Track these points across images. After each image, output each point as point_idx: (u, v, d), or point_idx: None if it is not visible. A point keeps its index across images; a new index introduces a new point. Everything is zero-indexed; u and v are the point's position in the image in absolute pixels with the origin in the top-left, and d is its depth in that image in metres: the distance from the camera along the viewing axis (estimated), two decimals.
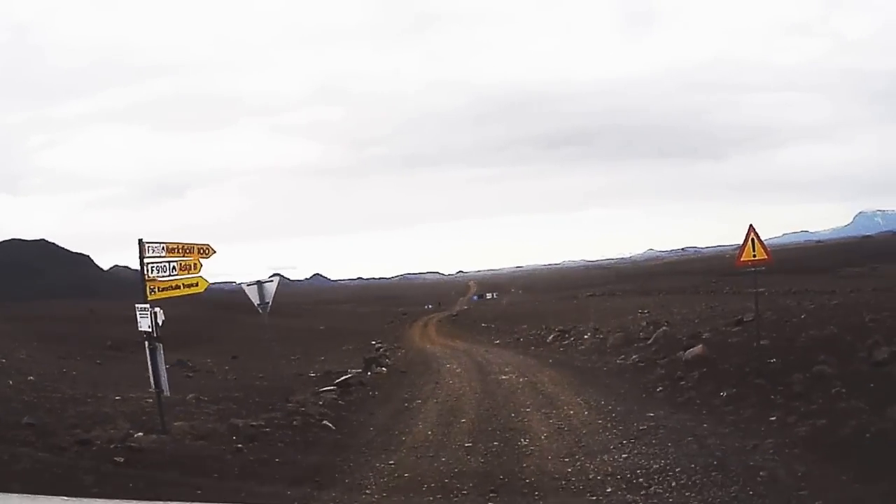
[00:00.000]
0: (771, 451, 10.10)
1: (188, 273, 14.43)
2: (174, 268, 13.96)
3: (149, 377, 13.48)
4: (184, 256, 14.29)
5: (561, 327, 37.19)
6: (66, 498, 4.36)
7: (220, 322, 69.52)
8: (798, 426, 11.11)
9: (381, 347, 43.46)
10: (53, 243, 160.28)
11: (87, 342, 36.40)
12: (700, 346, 18.69)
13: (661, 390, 16.07)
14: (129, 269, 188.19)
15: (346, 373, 25.08)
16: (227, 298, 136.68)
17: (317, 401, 18.55)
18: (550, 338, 34.03)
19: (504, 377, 21.69)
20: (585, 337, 31.22)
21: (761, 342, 18.00)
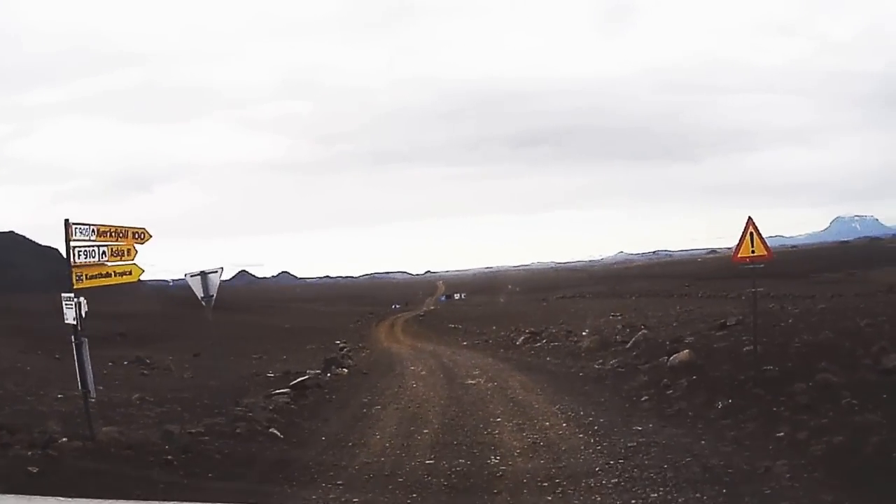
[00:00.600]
0: (787, 475, 8.62)
1: (121, 260, 12.84)
2: (104, 253, 12.39)
3: (87, 376, 11.89)
4: (116, 241, 12.72)
5: (532, 329, 35.71)
6: (60, 498, 4.40)
7: (187, 319, 69.77)
8: (811, 444, 9.66)
9: (344, 347, 42.12)
10: (23, 235, 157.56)
11: (51, 337, 34.42)
12: (686, 351, 17.22)
13: (646, 400, 14.54)
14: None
15: (304, 374, 23.75)
16: (195, 295, 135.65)
17: (267, 405, 17.01)
18: (521, 340, 32.53)
19: (472, 381, 20.16)
20: (558, 340, 29.80)
21: (749, 348, 16.72)
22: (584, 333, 29.73)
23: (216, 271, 15.95)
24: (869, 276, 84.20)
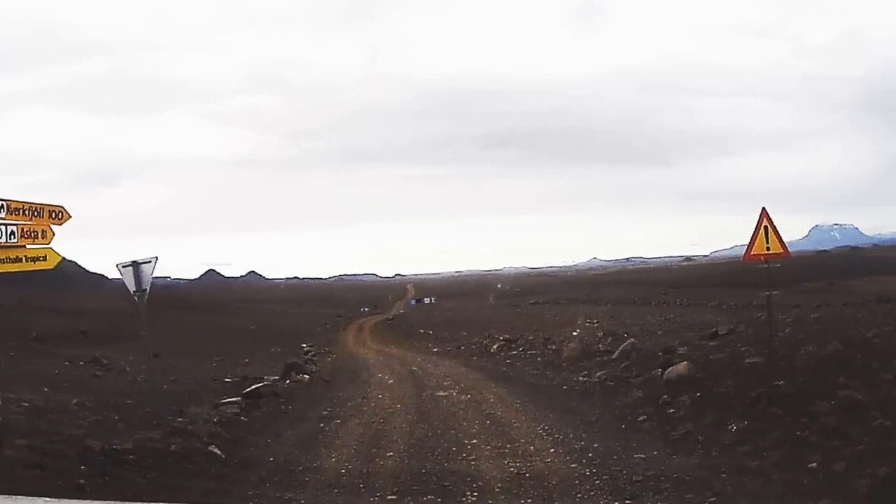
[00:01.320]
0: None
1: (34, 242, 11.05)
2: (13, 233, 10.55)
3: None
4: (29, 220, 10.88)
5: (507, 336, 33.95)
6: (48, 499, 4.36)
7: (152, 318, 69.61)
8: (853, 477, 7.96)
9: (310, 351, 40.72)
10: None
11: (9, 334, 33.01)
12: (683, 363, 15.54)
13: (645, 420, 12.75)
14: (66, 259, 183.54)
15: (262, 380, 22.04)
16: (163, 294, 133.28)
17: (213, 416, 15.25)
18: (495, 347, 30.84)
19: (443, 393, 18.38)
20: (535, 348, 28.16)
21: (751, 360, 15.13)
22: (561, 341, 28.15)
23: (150, 261, 14.12)
24: (851, 286, 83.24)
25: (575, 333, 31.79)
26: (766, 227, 13.41)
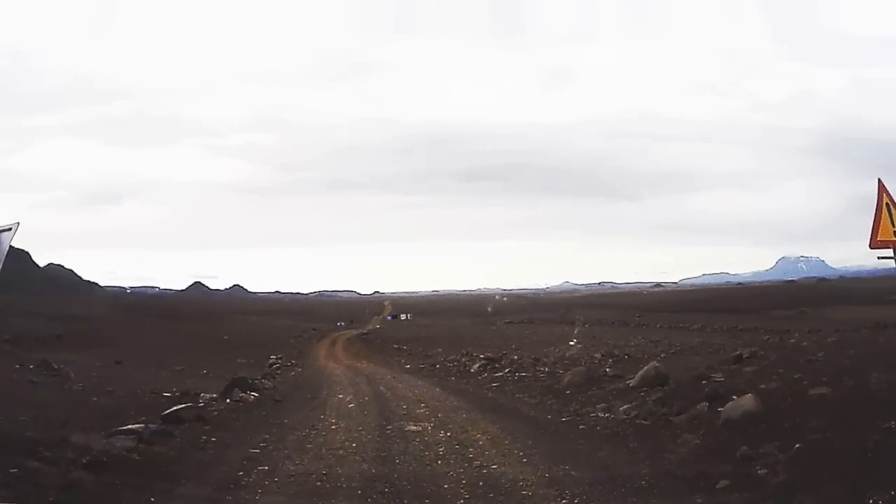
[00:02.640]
0: None
1: None
2: None
3: None
4: None
5: (489, 354, 29.07)
6: None
7: (131, 325, 67.18)
8: None
9: (275, 364, 37.24)
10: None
11: None
12: (748, 396, 10.74)
13: (727, 487, 7.85)
14: (64, 267, 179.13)
15: (199, 396, 18.94)
16: (147, 302, 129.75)
17: (105, 448, 10.48)
18: (476, 367, 25.99)
19: (414, 427, 13.34)
20: (525, 369, 23.37)
21: (817, 390, 10.46)
22: (554, 362, 23.44)
23: (9, 228, 9.51)
24: (822, 313, 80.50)
25: (571, 352, 26.97)
26: (888, 205, 8.77)
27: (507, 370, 23.48)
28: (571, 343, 43.40)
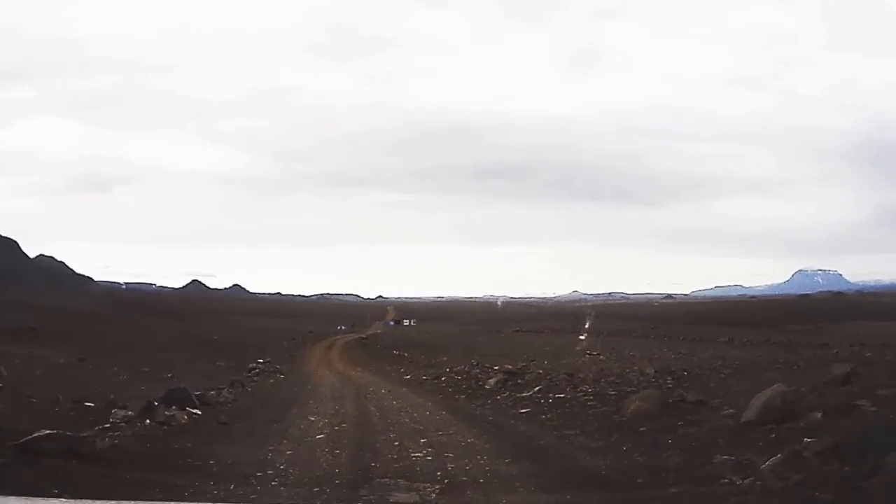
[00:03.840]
0: None
1: None
2: None
3: None
4: None
5: (507, 367, 22.62)
6: (64, 499, 4.27)
7: (114, 322, 63.24)
8: None
9: (255, 368, 31.94)
10: None
11: None
12: None
13: None
14: (55, 259, 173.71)
15: (113, 413, 13.59)
16: (141, 299, 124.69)
17: None
18: (493, 382, 19.78)
19: (405, 501, 7.42)
20: (559, 388, 17.23)
21: None
22: (597, 380, 17.42)
23: None
24: (841, 328, 75.74)
25: (606, 365, 20.92)
26: None
27: (535, 388, 17.21)
28: (590, 354, 38.29)
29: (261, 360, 36.69)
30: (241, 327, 79.58)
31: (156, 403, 15.20)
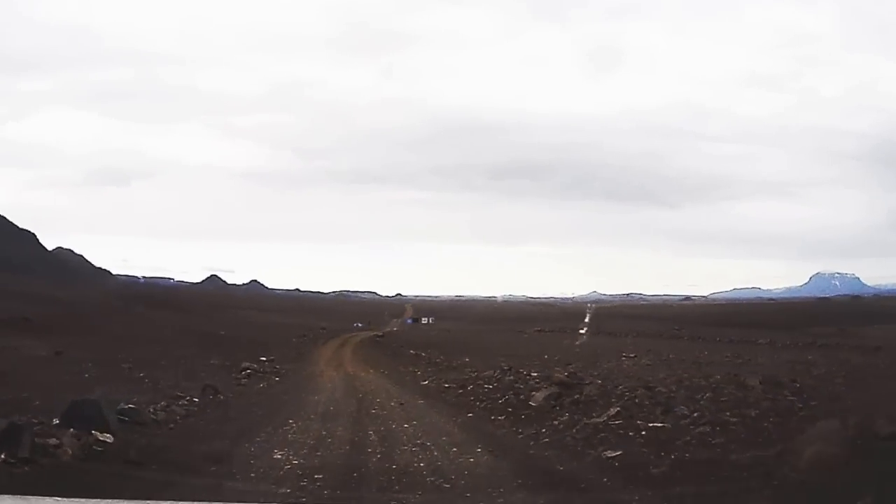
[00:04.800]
0: None
1: None
2: None
3: None
4: None
5: (559, 376, 16.60)
6: (58, 498, 3.87)
7: (125, 314, 59.42)
8: None
9: (249, 368, 26.42)
10: (3, 216, 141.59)
11: None
12: None
13: None
14: (73, 252, 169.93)
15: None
16: (156, 293, 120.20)
17: None
18: (540, 398, 14.12)
19: None
20: (645, 412, 11.58)
21: None
22: (692, 395, 11.92)
23: None
24: (865, 332, 70.48)
25: (639, 387, 15.23)
26: None
27: (610, 411, 11.57)
28: (628, 357, 33.16)
29: (263, 359, 31.64)
30: (253, 323, 73.45)
31: (56, 422, 10.16)
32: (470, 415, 13.85)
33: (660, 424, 10.11)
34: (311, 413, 14.30)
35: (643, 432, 9.86)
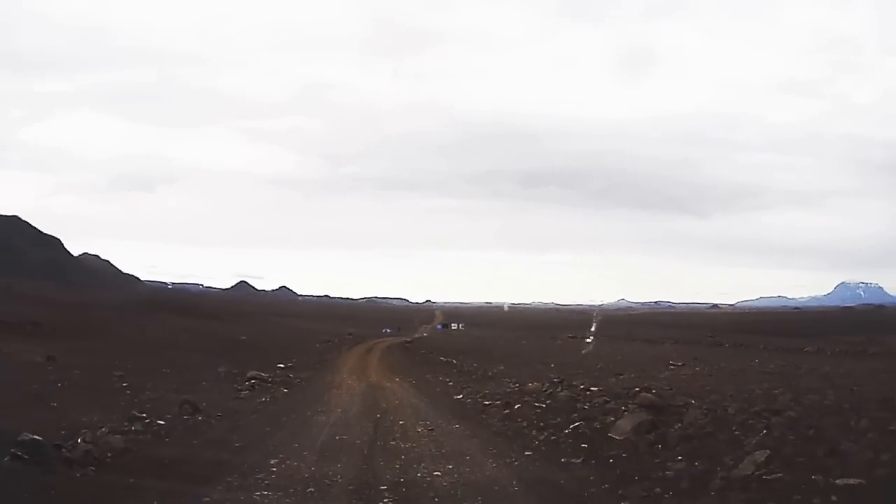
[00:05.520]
0: None
1: None
2: None
3: None
4: None
5: (649, 397, 12.20)
6: None
7: (143, 319, 57.27)
8: None
9: (257, 377, 22.82)
10: (27, 221, 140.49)
11: None
12: None
13: None
14: (100, 258, 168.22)
15: None
16: (180, 298, 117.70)
17: None
18: (628, 428, 9.98)
19: None
20: (811, 454, 7.57)
21: None
22: (859, 427, 7.93)
23: None
24: (892, 341, 66.76)
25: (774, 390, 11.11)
26: None
27: (756, 457, 7.32)
28: (675, 366, 29.26)
29: (280, 366, 28.42)
30: (278, 328, 72.15)
31: None
32: (528, 453, 9.85)
33: (853, 482, 6.07)
34: (307, 444, 10.50)
35: (833, 497, 5.83)
